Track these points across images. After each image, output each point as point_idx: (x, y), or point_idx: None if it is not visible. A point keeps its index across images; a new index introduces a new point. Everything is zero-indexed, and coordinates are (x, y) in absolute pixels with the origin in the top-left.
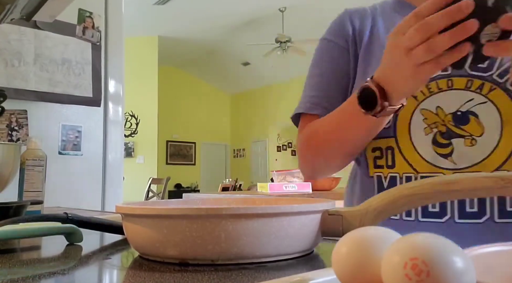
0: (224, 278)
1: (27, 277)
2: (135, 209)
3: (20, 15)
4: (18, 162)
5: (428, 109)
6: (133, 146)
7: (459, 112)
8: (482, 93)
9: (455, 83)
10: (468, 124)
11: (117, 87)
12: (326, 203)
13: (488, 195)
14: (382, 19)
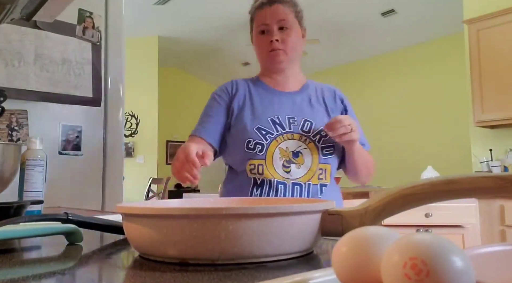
0: (224, 277)
1: (27, 277)
2: (136, 209)
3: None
4: (18, 162)
5: (282, 148)
6: (133, 145)
7: (295, 151)
8: (306, 143)
9: (294, 136)
10: (298, 157)
11: (117, 87)
12: (326, 203)
13: (487, 195)
14: (250, 93)
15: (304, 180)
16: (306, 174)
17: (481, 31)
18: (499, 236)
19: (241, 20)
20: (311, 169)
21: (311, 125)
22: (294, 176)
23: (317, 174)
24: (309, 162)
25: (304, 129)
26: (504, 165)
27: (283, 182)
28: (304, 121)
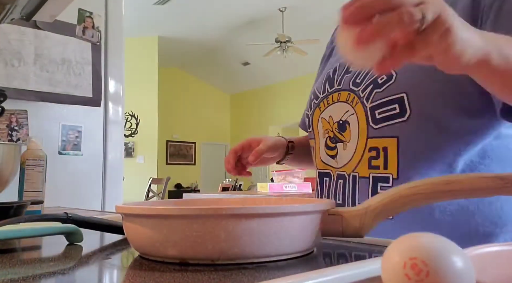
0: (224, 278)
1: (27, 277)
2: (135, 209)
3: (20, 15)
4: (18, 162)
5: (325, 118)
6: (133, 145)
7: (341, 121)
8: (352, 105)
9: (341, 96)
10: (345, 131)
11: (117, 87)
12: (326, 203)
13: (487, 195)
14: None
15: (348, 169)
16: (352, 158)
17: None
18: None
19: (241, 20)
20: (357, 150)
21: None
22: (340, 162)
23: (367, 158)
24: (355, 137)
25: (358, 80)
26: None
27: (328, 172)
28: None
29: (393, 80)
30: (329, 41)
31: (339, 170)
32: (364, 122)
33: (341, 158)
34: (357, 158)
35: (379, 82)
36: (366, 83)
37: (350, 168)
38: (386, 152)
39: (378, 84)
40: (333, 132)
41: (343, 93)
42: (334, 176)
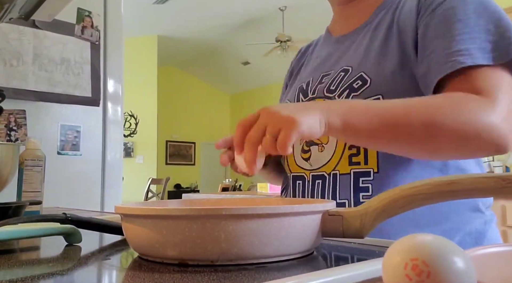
0: (224, 278)
1: (26, 278)
2: (135, 210)
3: (19, 14)
4: (16, 162)
5: None
6: (132, 146)
7: None
8: None
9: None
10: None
11: (116, 87)
12: (326, 203)
13: (488, 195)
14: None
15: (328, 169)
16: (331, 158)
17: None
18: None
19: (241, 20)
20: (336, 150)
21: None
22: (315, 163)
23: (347, 155)
24: (334, 140)
25: (332, 87)
26: (505, 165)
27: (301, 175)
28: (339, 73)
29: (369, 84)
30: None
31: (315, 171)
32: None
33: (316, 160)
34: (336, 157)
35: (355, 87)
36: (341, 89)
37: (330, 167)
38: (366, 149)
39: (354, 88)
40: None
41: (318, 100)
42: (308, 177)
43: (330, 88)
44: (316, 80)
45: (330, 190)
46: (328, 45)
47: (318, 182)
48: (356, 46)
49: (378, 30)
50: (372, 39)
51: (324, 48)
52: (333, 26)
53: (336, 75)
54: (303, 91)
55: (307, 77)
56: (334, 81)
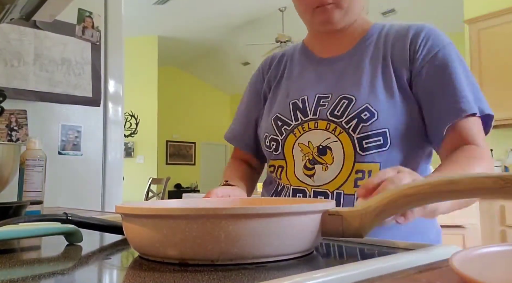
0: (224, 278)
1: (27, 277)
2: (135, 209)
3: (20, 15)
4: (17, 162)
5: (303, 143)
6: (133, 146)
7: (321, 146)
8: (335, 134)
9: (319, 124)
10: (326, 155)
11: (116, 87)
12: (326, 203)
13: (488, 195)
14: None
15: (332, 187)
16: (335, 178)
17: (482, 31)
18: (500, 237)
19: (241, 20)
20: (342, 172)
21: (350, 104)
22: (318, 181)
23: (353, 179)
24: (340, 161)
25: (337, 112)
26: (504, 165)
27: (303, 189)
28: (341, 99)
29: (376, 118)
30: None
31: (318, 187)
32: (351, 149)
33: (319, 177)
34: (342, 178)
35: (364, 118)
36: (350, 116)
37: (334, 186)
38: (370, 174)
39: (363, 119)
40: (312, 155)
41: (321, 122)
42: (309, 192)
43: (334, 113)
44: (313, 101)
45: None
46: (311, 64)
47: (320, 197)
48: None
49: (373, 66)
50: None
51: (307, 67)
52: (313, 45)
53: (338, 102)
54: (300, 110)
55: (298, 95)
56: (337, 107)
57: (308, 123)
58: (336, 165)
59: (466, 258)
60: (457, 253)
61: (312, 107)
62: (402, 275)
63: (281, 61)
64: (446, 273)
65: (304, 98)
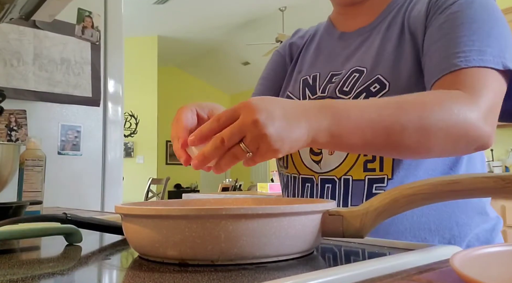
0: (224, 278)
1: (27, 278)
2: (135, 209)
3: (19, 14)
4: (17, 162)
5: None
6: (132, 146)
7: None
8: None
9: None
10: None
11: (116, 87)
12: (326, 203)
13: (488, 195)
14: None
15: (339, 173)
16: (343, 162)
17: None
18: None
19: (241, 20)
20: (349, 155)
21: (360, 77)
22: (325, 166)
23: (362, 162)
24: None
25: (345, 88)
26: (505, 165)
27: (310, 178)
28: (352, 73)
29: (387, 89)
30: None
31: (325, 174)
32: None
33: (326, 163)
34: (349, 162)
35: (373, 91)
36: (357, 91)
37: (341, 172)
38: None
39: (372, 92)
40: None
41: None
42: (317, 181)
43: (343, 89)
44: (325, 78)
45: (341, 195)
46: (332, 39)
47: (328, 186)
48: (367, 46)
49: (389, 32)
50: (384, 41)
51: (327, 42)
52: (337, 19)
53: (348, 76)
54: (309, 87)
55: (311, 71)
56: (347, 82)
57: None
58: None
59: (467, 258)
60: (458, 253)
61: (322, 85)
62: (402, 276)
63: (304, 37)
64: (447, 274)
65: (316, 75)
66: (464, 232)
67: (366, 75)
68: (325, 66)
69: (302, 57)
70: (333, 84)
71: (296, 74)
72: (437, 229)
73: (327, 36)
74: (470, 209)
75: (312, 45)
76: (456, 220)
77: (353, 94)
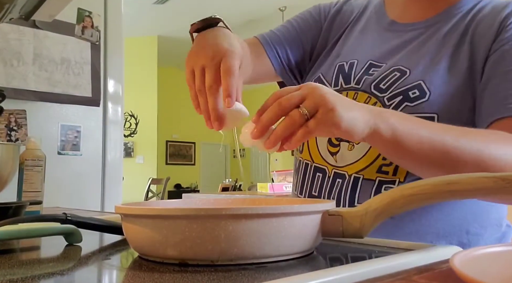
0: (224, 278)
1: (26, 278)
2: (135, 209)
3: (19, 14)
4: (17, 162)
5: None
6: (132, 146)
7: None
8: None
9: (358, 97)
10: None
11: (116, 87)
12: (326, 203)
13: (488, 195)
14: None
15: (351, 170)
16: (359, 160)
17: None
18: None
19: (241, 20)
20: (368, 154)
21: (401, 78)
22: (341, 161)
23: (379, 164)
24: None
25: (382, 85)
26: None
27: (323, 168)
28: (393, 71)
29: (426, 99)
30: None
31: (339, 169)
32: None
33: (342, 157)
34: (365, 162)
35: (411, 97)
36: (394, 92)
37: (353, 169)
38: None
39: (410, 98)
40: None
41: (361, 94)
42: (330, 173)
43: (379, 85)
44: (362, 67)
45: (348, 192)
46: (380, 26)
47: (339, 180)
48: (417, 45)
49: (447, 37)
50: (439, 45)
51: (374, 28)
52: (391, 4)
53: (388, 73)
54: (344, 74)
55: (349, 57)
56: (385, 79)
57: (347, 92)
58: (362, 145)
59: (467, 258)
60: (458, 253)
61: (358, 75)
62: (402, 276)
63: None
64: (447, 274)
65: (353, 62)
66: (475, 241)
67: (407, 78)
68: (365, 54)
69: (345, 38)
70: (370, 77)
71: (333, 57)
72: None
73: (376, 21)
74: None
75: (357, 27)
76: (467, 228)
77: (389, 94)
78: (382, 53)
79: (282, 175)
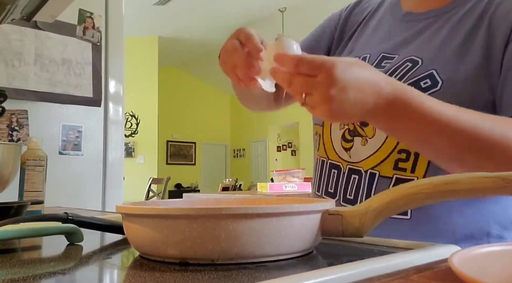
0: (224, 277)
1: (28, 277)
2: (136, 209)
3: (21, 15)
4: (18, 162)
5: None
6: (133, 145)
7: None
8: None
9: None
10: (367, 126)
11: (117, 87)
12: (326, 202)
13: (488, 195)
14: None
15: (367, 165)
16: (373, 155)
17: None
18: None
19: (241, 21)
20: (382, 149)
21: (413, 68)
22: (355, 156)
23: (394, 159)
24: (382, 136)
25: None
26: None
27: (338, 164)
28: (405, 62)
29: (439, 88)
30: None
31: (354, 164)
32: None
33: (356, 152)
34: (380, 156)
35: (423, 87)
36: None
37: (369, 164)
38: (417, 156)
39: (421, 88)
40: (353, 125)
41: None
42: (344, 169)
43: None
44: (374, 59)
45: (365, 189)
46: (394, 19)
47: (354, 177)
48: (430, 33)
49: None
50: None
51: (388, 21)
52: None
53: (401, 64)
54: None
55: (362, 52)
56: (397, 71)
57: None
58: (376, 139)
59: (466, 257)
60: (457, 253)
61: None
62: (401, 275)
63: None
64: (446, 273)
65: (365, 56)
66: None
67: (419, 68)
68: (378, 46)
69: (358, 35)
70: (383, 70)
71: (346, 53)
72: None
73: (390, 13)
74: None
75: (371, 23)
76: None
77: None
78: (395, 44)
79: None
